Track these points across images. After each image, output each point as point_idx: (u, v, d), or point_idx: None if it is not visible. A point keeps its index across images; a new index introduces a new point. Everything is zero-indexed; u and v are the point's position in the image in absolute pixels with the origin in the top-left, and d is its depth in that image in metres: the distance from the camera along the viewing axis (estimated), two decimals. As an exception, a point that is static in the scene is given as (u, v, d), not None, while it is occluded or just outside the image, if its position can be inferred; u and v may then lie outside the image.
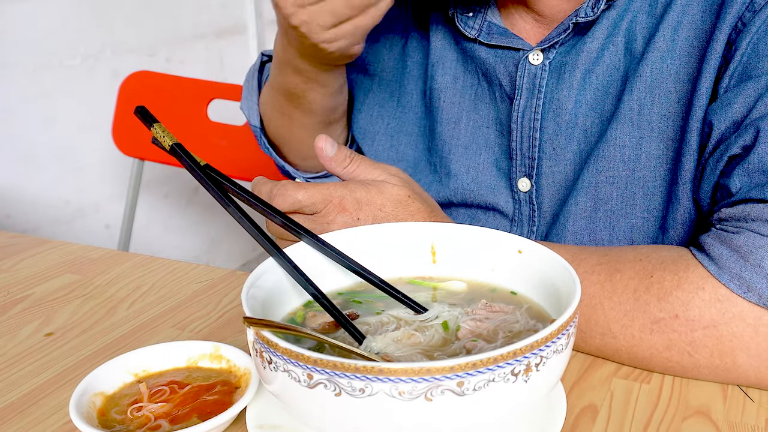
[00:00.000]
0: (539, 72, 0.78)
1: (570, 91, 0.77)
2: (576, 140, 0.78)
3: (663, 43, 0.72)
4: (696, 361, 0.59)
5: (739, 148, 0.64)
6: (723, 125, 0.66)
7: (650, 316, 0.60)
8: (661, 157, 0.73)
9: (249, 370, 0.57)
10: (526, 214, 0.82)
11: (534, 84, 0.78)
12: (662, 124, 0.73)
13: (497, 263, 0.59)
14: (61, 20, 1.70)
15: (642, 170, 0.74)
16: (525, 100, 0.79)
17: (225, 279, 0.84)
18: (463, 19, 0.83)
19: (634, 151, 0.74)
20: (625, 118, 0.74)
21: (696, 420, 0.56)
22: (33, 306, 0.78)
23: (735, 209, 0.62)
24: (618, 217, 0.76)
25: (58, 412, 0.59)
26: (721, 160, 0.66)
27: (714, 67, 0.69)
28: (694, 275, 0.59)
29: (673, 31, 0.72)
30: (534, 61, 0.78)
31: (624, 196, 0.75)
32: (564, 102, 0.78)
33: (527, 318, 0.54)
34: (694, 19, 0.71)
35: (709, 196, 0.69)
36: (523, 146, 0.80)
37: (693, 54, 0.71)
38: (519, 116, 0.80)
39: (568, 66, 0.77)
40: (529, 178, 0.81)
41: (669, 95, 0.72)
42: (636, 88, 0.73)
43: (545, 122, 0.79)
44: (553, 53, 0.78)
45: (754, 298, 0.57)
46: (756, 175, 0.61)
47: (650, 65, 0.73)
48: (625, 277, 0.62)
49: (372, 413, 0.42)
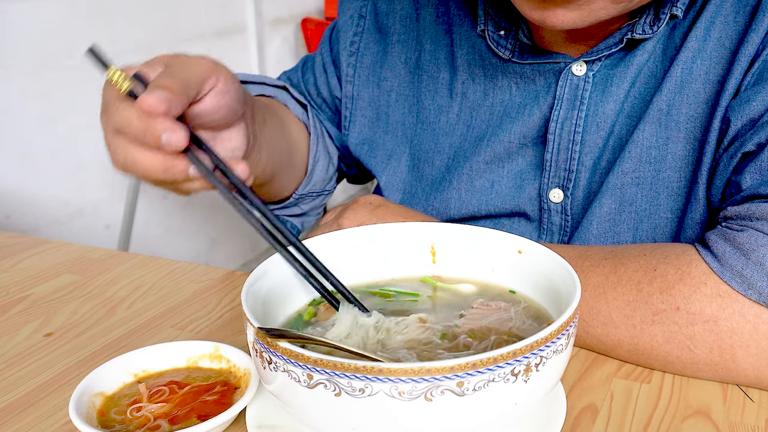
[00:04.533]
0: (582, 83, 0.76)
1: (616, 105, 0.76)
2: (611, 148, 0.76)
3: (695, 43, 0.71)
4: (695, 356, 0.59)
5: (753, 145, 0.64)
6: (740, 122, 0.66)
7: (652, 308, 0.60)
8: (687, 158, 0.72)
9: (249, 370, 0.57)
10: (557, 223, 0.80)
11: (576, 95, 0.76)
12: (689, 125, 0.72)
13: (497, 263, 0.59)
14: (61, 20, 1.70)
15: (667, 171, 0.73)
16: (565, 111, 0.77)
17: (225, 279, 0.84)
18: (495, 38, 0.80)
19: (660, 151, 0.73)
20: (654, 119, 0.73)
21: (696, 420, 0.56)
22: (32, 306, 0.78)
23: (741, 207, 0.62)
24: (642, 218, 0.75)
25: (58, 412, 0.59)
26: (735, 157, 0.66)
27: (743, 69, 0.68)
28: (696, 270, 0.60)
29: (705, 31, 0.71)
30: (578, 72, 0.76)
31: (649, 196, 0.74)
32: (609, 115, 0.76)
33: (523, 317, 0.54)
34: (727, 20, 0.70)
35: (720, 192, 0.69)
36: (559, 158, 0.78)
37: (723, 55, 0.70)
38: (558, 127, 0.77)
39: (615, 79, 0.75)
40: (562, 189, 0.78)
41: (697, 96, 0.72)
42: (666, 89, 0.72)
43: (587, 135, 0.76)
44: (597, 65, 0.76)
45: (755, 296, 0.57)
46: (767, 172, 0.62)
47: (681, 65, 0.72)
48: (629, 269, 0.63)
49: (372, 413, 0.42)
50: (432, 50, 0.87)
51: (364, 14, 0.92)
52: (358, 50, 0.92)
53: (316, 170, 0.92)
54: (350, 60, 0.93)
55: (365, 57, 0.92)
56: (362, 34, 0.92)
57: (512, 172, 0.82)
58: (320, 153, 0.93)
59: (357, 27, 0.92)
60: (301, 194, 0.92)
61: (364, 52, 0.92)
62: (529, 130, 0.80)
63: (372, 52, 0.91)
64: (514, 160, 0.81)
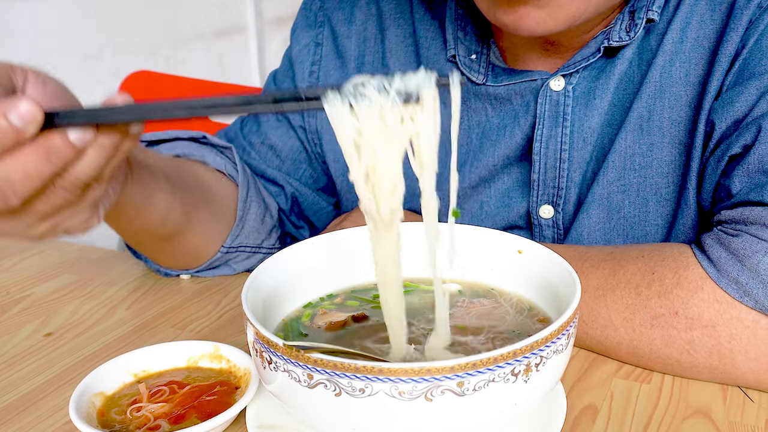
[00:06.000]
0: (562, 98, 0.73)
1: (601, 117, 0.73)
2: (595, 159, 0.75)
3: (671, 45, 0.70)
4: (695, 360, 0.59)
5: (739, 147, 0.63)
6: (724, 124, 0.66)
7: (651, 312, 0.60)
8: (673, 162, 0.71)
9: (249, 370, 0.57)
10: (549, 236, 0.79)
11: (558, 111, 0.74)
12: (673, 129, 0.71)
13: (497, 263, 0.59)
14: (61, 20, 1.70)
15: (654, 177, 0.72)
16: (548, 129, 0.74)
17: (225, 279, 0.84)
18: (467, 63, 0.77)
19: (645, 158, 0.72)
20: (635, 126, 0.72)
21: (696, 420, 0.56)
22: (32, 306, 0.78)
23: (734, 212, 0.62)
24: (632, 225, 0.74)
25: (58, 412, 0.59)
26: (722, 160, 0.65)
27: (724, 69, 0.67)
28: (693, 274, 0.60)
29: (681, 32, 0.70)
30: (556, 87, 0.73)
31: (636, 203, 0.73)
32: (595, 129, 0.74)
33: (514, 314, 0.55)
34: (703, 20, 0.69)
35: (710, 195, 0.68)
36: (547, 177, 0.76)
37: (702, 55, 0.69)
38: (542, 147, 0.75)
39: (598, 91, 0.73)
40: (552, 206, 0.77)
41: (679, 99, 0.70)
42: (645, 94, 0.71)
43: (574, 151, 0.74)
44: (576, 78, 0.73)
45: (751, 303, 0.57)
46: (756, 175, 0.61)
47: (659, 69, 0.70)
48: (628, 272, 0.63)
49: (372, 413, 0.42)
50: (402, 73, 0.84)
51: (321, 41, 0.88)
52: (318, 79, 0.87)
53: (249, 218, 0.83)
54: None
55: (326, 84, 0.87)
56: (320, 62, 0.87)
57: (499, 191, 0.80)
58: (252, 199, 0.83)
59: (314, 56, 0.88)
60: (230, 246, 0.82)
61: (324, 79, 0.87)
62: (512, 150, 0.77)
63: (333, 78, 0.87)
64: (500, 179, 0.79)
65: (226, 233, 0.82)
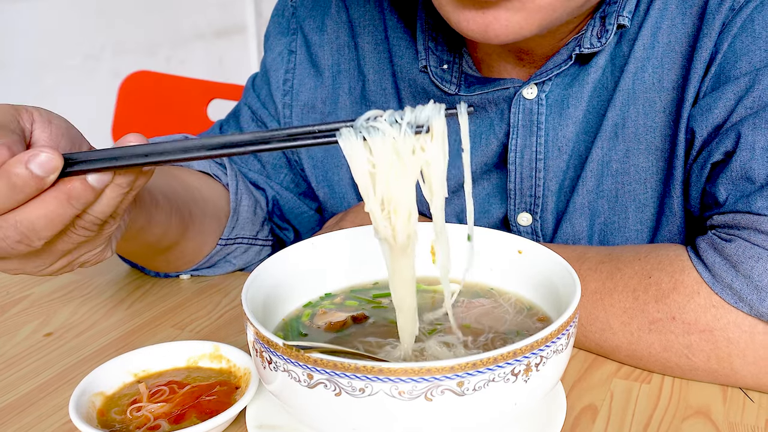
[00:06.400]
0: (535, 107, 0.72)
1: (576, 126, 0.73)
2: (573, 168, 0.74)
3: (642, 51, 0.69)
4: (694, 363, 0.59)
5: (720, 154, 0.63)
6: (705, 131, 0.65)
7: (648, 316, 0.60)
8: (650, 169, 0.71)
9: (249, 370, 0.57)
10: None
11: (531, 120, 0.73)
12: (649, 136, 0.70)
13: (497, 263, 0.59)
14: (61, 20, 1.70)
15: (631, 183, 0.72)
16: (523, 138, 0.73)
17: (225, 279, 0.84)
18: (438, 73, 0.76)
19: (622, 164, 0.72)
20: (610, 133, 0.71)
21: (696, 420, 0.56)
22: (32, 306, 0.78)
23: (726, 217, 0.61)
24: (612, 231, 0.74)
25: (58, 412, 0.59)
26: (705, 167, 0.65)
27: (700, 75, 0.66)
28: (689, 279, 0.60)
29: (652, 37, 0.69)
30: (529, 96, 0.72)
31: (616, 210, 0.73)
32: (570, 137, 0.73)
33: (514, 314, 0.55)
34: (674, 23, 0.68)
35: (698, 202, 0.68)
36: (523, 186, 0.75)
37: (675, 60, 0.68)
38: (517, 156, 0.74)
39: (572, 99, 0.72)
40: (530, 213, 0.76)
41: (653, 105, 0.69)
42: (619, 101, 0.70)
43: (549, 161, 0.73)
44: (549, 86, 0.72)
45: (746, 309, 0.57)
46: (740, 182, 0.61)
47: (631, 75, 0.70)
48: (625, 275, 0.63)
49: (372, 413, 0.42)
50: (376, 80, 0.83)
51: (294, 49, 0.87)
52: (292, 88, 0.86)
53: (242, 209, 0.83)
54: (285, 100, 0.86)
55: (301, 94, 0.86)
56: (294, 70, 0.86)
57: (478, 197, 0.79)
58: (242, 191, 0.84)
59: (288, 63, 0.87)
60: (228, 238, 0.83)
61: (299, 88, 0.86)
62: (488, 158, 0.77)
63: (308, 87, 0.85)
64: (479, 185, 0.79)
65: (221, 232, 0.82)
